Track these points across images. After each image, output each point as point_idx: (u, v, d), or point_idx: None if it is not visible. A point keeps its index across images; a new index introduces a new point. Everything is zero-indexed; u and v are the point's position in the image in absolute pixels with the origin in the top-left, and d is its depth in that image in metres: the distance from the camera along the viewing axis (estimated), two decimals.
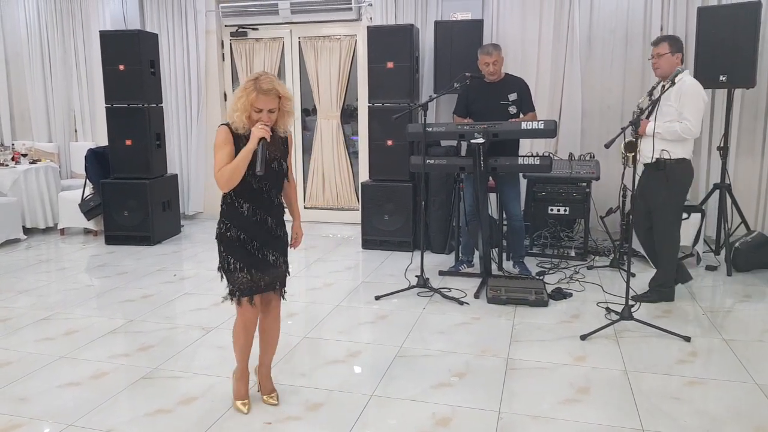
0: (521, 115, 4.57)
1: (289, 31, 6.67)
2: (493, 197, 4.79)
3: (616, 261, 4.88)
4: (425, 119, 4.19)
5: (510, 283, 4.25)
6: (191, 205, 7.08)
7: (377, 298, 4.22)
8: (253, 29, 6.78)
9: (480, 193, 4.36)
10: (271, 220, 2.61)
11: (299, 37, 6.69)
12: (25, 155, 6.59)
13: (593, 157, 5.25)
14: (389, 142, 5.51)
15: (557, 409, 2.71)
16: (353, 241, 5.98)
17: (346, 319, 3.91)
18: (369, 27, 5.64)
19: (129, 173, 5.91)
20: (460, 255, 4.98)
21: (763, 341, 3.45)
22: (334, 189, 6.88)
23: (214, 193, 6.56)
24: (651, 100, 3.80)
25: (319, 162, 6.87)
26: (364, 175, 6.16)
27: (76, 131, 7.32)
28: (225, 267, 2.59)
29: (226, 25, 6.82)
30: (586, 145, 5.61)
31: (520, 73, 4.97)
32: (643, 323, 3.53)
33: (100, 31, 6.05)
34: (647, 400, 2.76)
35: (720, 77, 4.62)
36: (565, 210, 5.15)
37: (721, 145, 4.94)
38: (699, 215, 4.88)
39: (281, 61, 6.79)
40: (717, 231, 4.98)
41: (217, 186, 2.53)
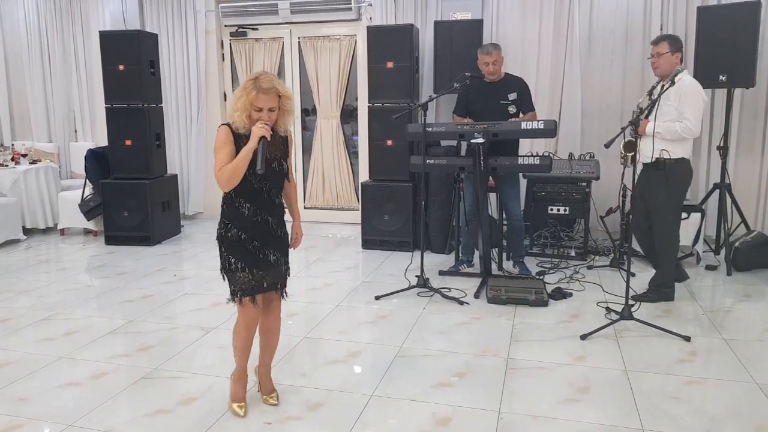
0: (521, 114, 4.57)
1: (289, 31, 6.67)
2: (493, 197, 4.79)
3: (616, 261, 4.88)
4: (425, 119, 4.19)
5: (510, 283, 4.25)
6: (191, 205, 7.08)
7: (377, 298, 4.22)
8: (252, 29, 6.78)
9: (480, 192, 4.36)
10: (272, 220, 2.61)
11: (299, 37, 6.69)
12: (24, 155, 6.58)
13: (593, 156, 5.25)
14: (389, 142, 5.51)
15: (557, 409, 2.71)
16: (353, 241, 5.98)
17: (346, 319, 3.91)
18: (369, 27, 5.64)
19: (129, 173, 5.91)
20: (460, 255, 4.98)
21: (763, 341, 3.46)
22: (334, 189, 6.88)
23: (214, 193, 6.57)
24: (651, 99, 3.80)
25: (319, 162, 6.87)
26: (364, 175, 6.16)
27: (75, 131, 7.32)
28: (226, 267, 2.59)
29: (225, 25, 6.82)
30: (586, 145, 5.61)
31: (519, 72, 4.97)
32: (643, 323, 3.53)
33: (99, 31, 6.05)
34: (647, 400, 2.76)
35: (720, 77, 4.62)
36: (565, 210, 5.15)
37: (721, 144, 4.94)
38: (699, 215, 4.88)
39: (281, 61, 6.79)
40: (717, 231, 4.98)
41: (217, 186, 2.53)
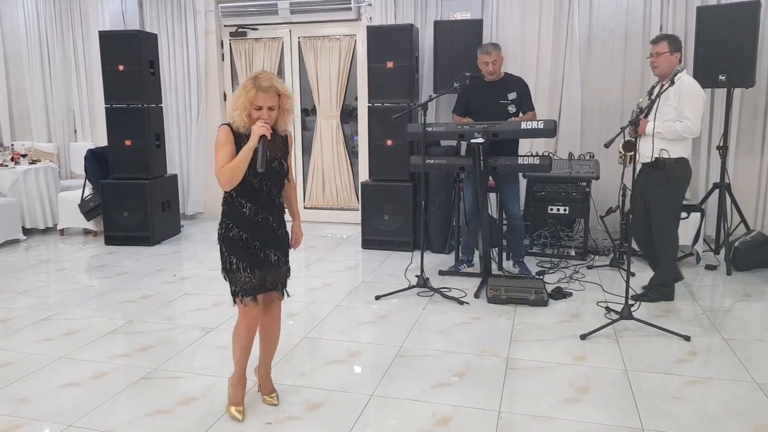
0: (521, 114, 4.57)
1: (289, 31, 6.67)
2: (493, 197, 4.79)
3: (616, 260, 4.88)
4: (425, 119, 4.19)
5: (510, 283, 4.25)
6: (191, 205, 7.07)
7: (377, 297, 4.22)
8: (252, 29, 6.78)
9: (480, 192, 4.36)
10: (273, 219, 2.61)
11: (299, 37, 6.68)
12: (24, 155, 6.58)
13: (593, 156, 5.25)
14: (389, 142, 5.51)
15: (557, 409, 2.71)
16: (353, 241, 5.98)
17: (346, 319, 3.91)
18: (368, 27, 5.64)
19: (128, 173, 5.91)
20: (460, 255, 4.98)
21: (763, 340, 3.46)
22: (333, 189, 6.88)
23: (214, 194, 6.57)
24: (650, 99, 3.80)
25: (319, 162, 6.86)
26: (364, 175, 6.16)
27: (75, 131, 7.32)
28: (227, 267, 2.58)
29: (225, 25, 6.81)
30: (586, 145, 5.61)
31: (519, 72, 4.97)
32: (642, 322, 3.53)
33: (99, 31, 6.05)
34: (647, 400, 2.76)
35: (719, 76, 4.62)
36: (564, 209, 5.15)
37: (721, 144, 4.94)
38: (698, 215, 4.88)
39: (281, 61, 6.79)
40: (716, 230, 4.98)
41: (217, 186, 2.53)
